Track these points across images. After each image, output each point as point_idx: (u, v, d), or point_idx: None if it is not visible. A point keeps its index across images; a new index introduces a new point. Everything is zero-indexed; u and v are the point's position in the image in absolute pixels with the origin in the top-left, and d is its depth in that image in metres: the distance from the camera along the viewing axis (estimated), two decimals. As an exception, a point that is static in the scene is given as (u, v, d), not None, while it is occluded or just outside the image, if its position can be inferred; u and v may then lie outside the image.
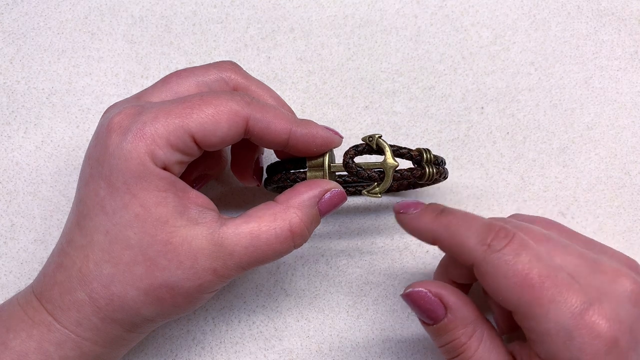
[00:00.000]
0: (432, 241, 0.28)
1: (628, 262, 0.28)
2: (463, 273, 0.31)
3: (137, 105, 0.27)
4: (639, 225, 0.36)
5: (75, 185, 0.36)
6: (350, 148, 0.30)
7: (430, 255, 0.36)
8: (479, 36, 0.39)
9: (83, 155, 0.31)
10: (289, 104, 0.32)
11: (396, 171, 0.30)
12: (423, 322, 0.28)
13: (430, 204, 0.29)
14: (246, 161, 0.32)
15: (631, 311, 0.25)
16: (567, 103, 0.38)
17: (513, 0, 0.39)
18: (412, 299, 0.28)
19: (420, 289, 0.28)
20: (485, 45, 0.39)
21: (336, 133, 0.30)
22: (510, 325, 0.32)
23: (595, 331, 0.24)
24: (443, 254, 0.33)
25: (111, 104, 0.29)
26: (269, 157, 0.35)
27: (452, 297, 0.27)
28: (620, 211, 0.36)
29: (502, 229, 0.26)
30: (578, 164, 0.37)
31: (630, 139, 0.37)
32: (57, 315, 0.27)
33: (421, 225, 0.29)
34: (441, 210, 0.29)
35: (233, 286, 0.35)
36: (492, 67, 0.38)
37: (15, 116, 0.37)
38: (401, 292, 0.28)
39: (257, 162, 0.33)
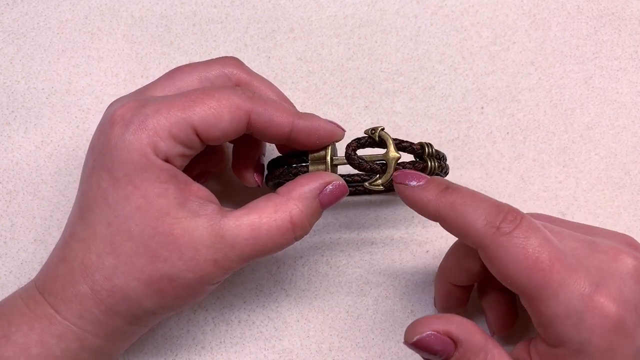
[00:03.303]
0: (434, 218, 0.27)
1: (625, 239, 0.28)
2: (463, 276, 0.31)
3: (140, 99, 0.28)
4: (639, 225, 0.36)
5: (75, 185, 0.36)
6: (352, 140, 0.30)
7: (431, 255, 0.36)
8: (479, 36, 0.39)
9: (83, 155, 0.31)
10: (289, 104, 0.32)
11: (398, 164, 0.30)
12: None
13: (434, 178, 0.28)
14: (247, 160, 0.32)
15: (634, 288, 0.25)
16: (567, 103, 0.38)
17: (513, 0, 0.39)
18: (422, 345, 0.26)
19: (428, 332, 0.26)
20: (485, 45, 0.39)
21: (338, 126, 0.30)
22: (502, 326, 0.32)
23: (604, 312, 0.24)
24: (444, 254, 0.33)
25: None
26: (270, 155, 0.35)
27: (460, 329, 0.26)
28: (620, 211, 0.36)
29: (510, 211, 0.26)
30: (578, 164, 0.37)
31: (630, 139, 0.37)
32: (59, 308, 0.27)
33: (424, 201, 0.27)
34: (446, 187, 0.27)
35: (233, 286, 0.35)
36: (492, 67, 0.38)
37: (15, 116, 0.37)
38: (405, 340, 0.26)
39: (259, 161, 0.33)
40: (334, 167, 0.30)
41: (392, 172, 0.29)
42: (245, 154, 0.32)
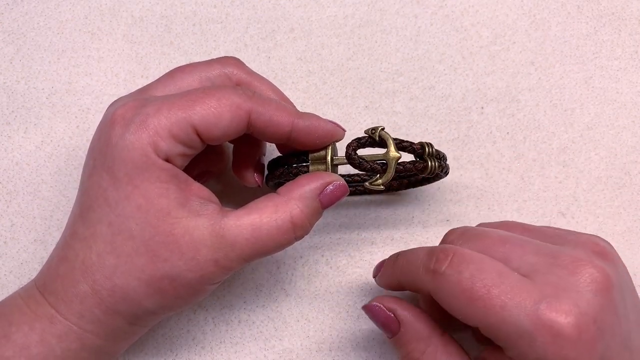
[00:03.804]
0: (401, 288, 0.29)
1: (594, 247, 0.27)
2: None
3: (141, 99, 0.28)
4: (639, 225, 0.36)
5: (75, 185, 0.36)
6: (352, 140, 0.30)
7: (430, 255, 0.36)
8: (479, 36, 0.39)
9: (83, 155, 0.31)
10: (289, 104, 0.32)
11: (399, 163, 0.30)
12: (386, 336, 0.29)
13: (389, 257, 0.30)
14: (248, 160, 0.32)
15: (593, 301, 0.24)
16: (567, 103, 0.38)
17: (513, 0, 0.39)
18: (369, 311, 0.29)
19: (375, 303, 0.29)
20: (485, 45, 0.39)
21: (339, 126, 0.30)
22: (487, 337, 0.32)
23: (554, 328, 0.23)
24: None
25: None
26: (270, 155, 0.35)
27: (405, 312, 0.28)
28: (620, 211, 0.36)
29: (441, 251, 0.26)
30: (578, 164, 0.37)
31: (630, 139, 0.37)
32: (59, 308, 0.27)
33: (388, 280, 0.30)
34: (396, 257, 0.30)
35: (233, 286, 0.35)
36: (492, 67, 0.39)
37: (15, 116, 0.37)
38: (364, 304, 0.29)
39: (259, 161, 0.33)
40: (334, 167, 0.30)
41: (392, 172, 0.29)
42: (245, 153, 0.32)
